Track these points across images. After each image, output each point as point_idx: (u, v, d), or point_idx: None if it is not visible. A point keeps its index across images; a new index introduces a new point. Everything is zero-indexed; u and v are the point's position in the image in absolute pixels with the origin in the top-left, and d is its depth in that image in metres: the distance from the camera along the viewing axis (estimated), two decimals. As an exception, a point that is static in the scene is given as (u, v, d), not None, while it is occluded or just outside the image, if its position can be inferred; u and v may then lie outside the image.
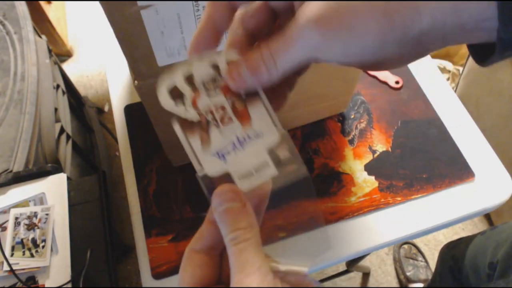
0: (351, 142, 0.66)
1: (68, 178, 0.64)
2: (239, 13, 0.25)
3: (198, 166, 0.24)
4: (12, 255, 0.55)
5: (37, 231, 0.57)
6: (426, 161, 0.63)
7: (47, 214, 0.58)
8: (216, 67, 0.24)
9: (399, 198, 0.60)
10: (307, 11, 0.21)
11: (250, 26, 0.25)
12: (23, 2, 0.89)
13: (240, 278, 0.21)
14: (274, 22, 0.25)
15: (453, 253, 0.74)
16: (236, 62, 0.23)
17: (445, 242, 0.86)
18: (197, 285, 0.24)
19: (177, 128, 0.24)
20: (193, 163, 0.24)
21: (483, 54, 0.21)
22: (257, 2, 0.24)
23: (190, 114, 0.24)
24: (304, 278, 0.25)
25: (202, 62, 0.24)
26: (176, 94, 0.24)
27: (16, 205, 0.59)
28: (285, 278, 0.24)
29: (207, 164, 0.24)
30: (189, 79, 0.24)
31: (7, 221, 0.58)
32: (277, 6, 0.24)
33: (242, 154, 0.25)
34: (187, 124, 0.24)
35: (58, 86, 1.01)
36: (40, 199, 0.60)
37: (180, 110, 0.24)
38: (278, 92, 0.27)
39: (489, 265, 0.60)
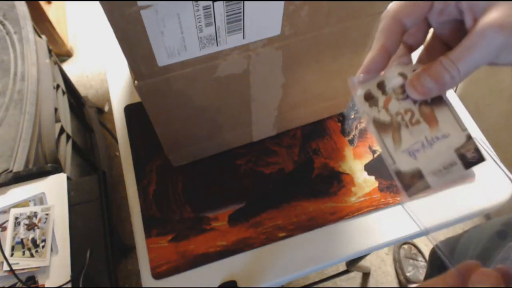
0: (351, 142, 0.66)
1: (68, 178, 0.64)
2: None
3: (390, 161, 0.27)
4: (12, 255, 0.55)
5: (37, 231, 0.57)
6: (426, 161, 0.63)
7: (47, 214, 0.58)
8: (404, 75, 0.27)
9: (399, 198, 0.60)
10: (489, 18, 0.24)
11: (409, 42, 0.29)
12: (23, 2, 0.89)
13: None
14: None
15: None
16: (417, 73, 0.26)
17: (445, 242, 0.86)
18: None
19: (372, 128, 0.27)
20: (386, 159, 0.27)
21: None
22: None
23: (383, 115, 0.27)
24: None
25: (392, 72, 0.27)
26: (369, 98, 0.28)
27: (16, 205, 0.59)
28: None
29: (399, 160, 0.27)
30: (381, 86, 0.28)
31: (7, 221, 0.58)
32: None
33: (431, 153, 0.27)
34: (380, 125, 0.27)
35: (58, 86, 1.01)
36: (40, 199, 0.60)
37: (374, 112, 0.28)
38: None
39: None
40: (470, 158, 0.28)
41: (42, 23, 1.42)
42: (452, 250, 0.69)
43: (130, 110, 0.69)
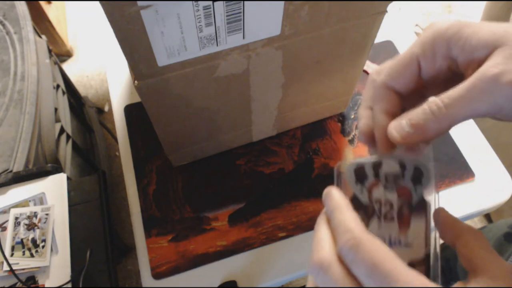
0: (351, 142, 0.66)
1: (68, 178, 0.64)
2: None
3: None
4: (12, 255, 0.55)
5: (37, 231, 0.57)
6: (426, 161, 0.63)
7: (47, 214, 0.58)
8: (403, 166, 0.26)
9: (399, 198, 0.60)
10: (498, 66, 0.21)
11: (401, 90, 0.26)
12: (23, 2, 0.89)
13: None
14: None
15: (444, 254, 0.74)
16: (398, 119, 0.24)
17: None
18: None
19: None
20: None
21: None
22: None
23: (363, 196, 0.27)
24: None
25: (392, 158, 0.27)
26: (360, 173, 0.27)
27: (16, 205, 0.59)
28: None
29: None
30: (376, 167, 0.27)
31: (7, 221, 0.58)
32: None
33: None
34: (355, 203, 0.27)
35: (58, 86, 1.01)
36: (40, 199, 0.60)
37: (356, 189, 0.27)
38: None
39: None
40: None
41: (42, 23, 1.42)
42: (454, 253, 0.69)
43: (130, 110, 0.69)
